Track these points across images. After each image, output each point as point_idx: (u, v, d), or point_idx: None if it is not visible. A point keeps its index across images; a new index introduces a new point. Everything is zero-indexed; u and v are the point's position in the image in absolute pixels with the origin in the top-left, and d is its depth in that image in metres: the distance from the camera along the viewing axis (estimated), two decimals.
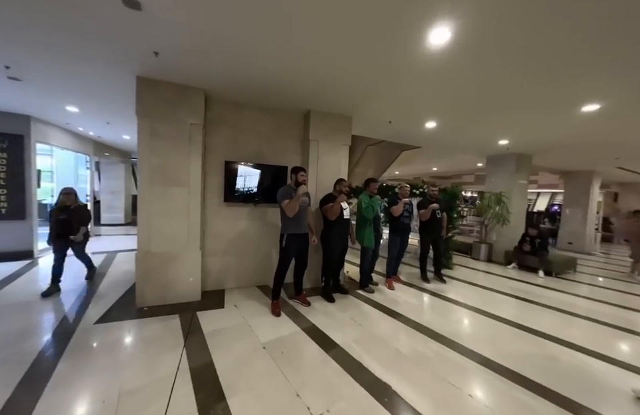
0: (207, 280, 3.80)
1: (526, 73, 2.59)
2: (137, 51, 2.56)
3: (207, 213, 3.77)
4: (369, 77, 2.85)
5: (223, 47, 2.48)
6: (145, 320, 2.94)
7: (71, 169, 7.06)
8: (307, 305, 3.43)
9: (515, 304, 3.91)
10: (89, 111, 4.75)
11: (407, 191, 4.27)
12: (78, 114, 4.90)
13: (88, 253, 4.07)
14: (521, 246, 5.85)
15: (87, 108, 4.55)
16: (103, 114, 4.96)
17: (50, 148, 6.52)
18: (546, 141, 5.10)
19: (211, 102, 3.69)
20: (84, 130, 6.42)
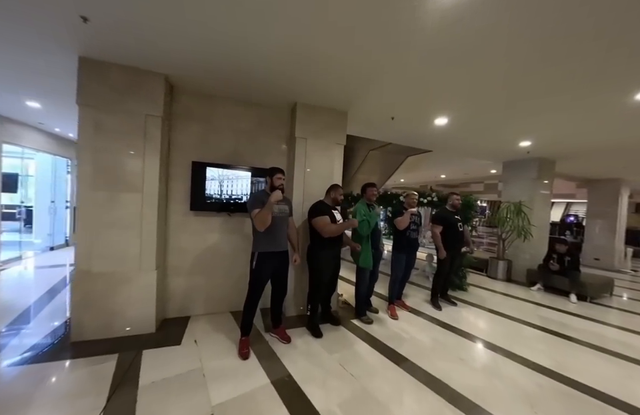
0: (168, 305, 3.13)
1: (570, 47, 1.90)
2: (60, 14, 1.98)
3: (170, 225, 3.13)
4: (365, 54, 2.20)
5: (175, 24, 1.92)
6: (72, 363, 2.27)
7: (49, 173, 6.56)
8: (287, 341, 2.71)
9: (550, 342, 3.11)
10: (52, 107, 4.22)
11: (414, 199, 3.56)
12: (42, 111, 4.38)
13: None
14: (546, 264, 5.03)
15: (47, 102, 4.02)
16: (71, 110, 4.43)
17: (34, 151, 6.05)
18: (574, 142, 4.35)
19: (177, 92, 3.09)
20: (61, 131, 5.94)
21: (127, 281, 2.71)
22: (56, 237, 6.48)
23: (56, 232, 6.49)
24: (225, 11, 1.84)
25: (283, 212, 2.63)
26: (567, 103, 2.92)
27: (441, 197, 4.90)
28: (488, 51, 2.10)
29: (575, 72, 2.33)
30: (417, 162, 8.25)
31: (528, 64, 2.26)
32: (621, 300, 4.90)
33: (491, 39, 1.96)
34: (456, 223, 3.83)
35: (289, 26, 1.94)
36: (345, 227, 2.93)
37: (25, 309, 3.18)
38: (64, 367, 2.21)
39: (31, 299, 3.48)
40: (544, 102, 2.96)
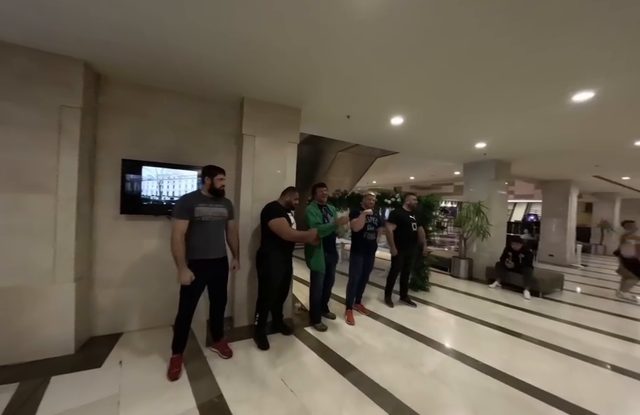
0: (95, 322, 2.77)
1: (510, 38, 1.88)
2: None
3: (98, 231, 2.77)
4: (305, 49, 2.05)
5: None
6: None
7: None
8: (227, 356, 2.47)
9: (501, 341, 3.13)
10: None
11: (371, 200, 3.47)
12: None
13: None
14: (503, 262, 5.20)
15: None
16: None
17: None
18: (525, 144, 4.54)
19: (106, 82, 2.76)
20: None
21: (37, 296, 2.33)
22: None
23: None
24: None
25: (219, 216, 2.38)
26: (510, 105, 2.98)
27: (404, 198, 4.90)
28: (425, 51, 2.05)
29: (511, 74, 2.35)
30: (386, 164, 8.33)
31: (468, 65, 2.24)
32: (570, 294, 5.17)
33: (426, 38, 1.90)
34: (410, 223, 3.82)
35: (227, 11, 1.75)
36: (306, 236, 2.77)
37: None
38: None
39: None
40: (489, 104, 3.00)
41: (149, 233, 2.97)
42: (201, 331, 2.89)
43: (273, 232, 2.62)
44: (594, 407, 2.08)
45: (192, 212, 2.18)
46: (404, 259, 3.93)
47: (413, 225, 3.82)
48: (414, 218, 3.89)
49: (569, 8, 1.62)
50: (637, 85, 2.42)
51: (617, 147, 4.36)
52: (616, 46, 1.92)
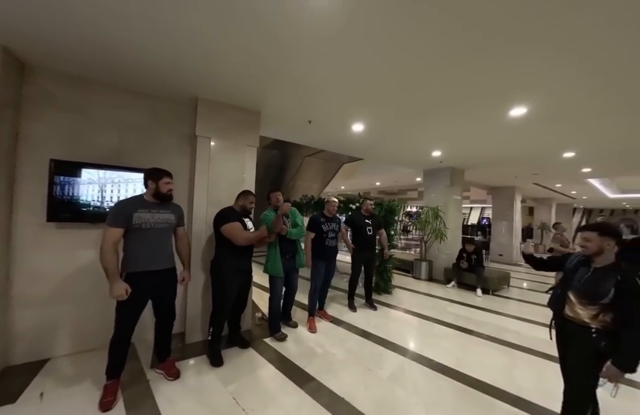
0: (11, 348, 2.36)
1: (447, 55, 2.00)
2: None
3: (18, 241, 2.39)
4: (259, 51, 1.98)
5: None
6: None
7: None
8: (174, 377, 2.25)
9: (455, 338, 3.30)
10: None
11: (333, 206, 3.48)
12: None
13: None
14: (458, 263, 5.55)
15: None
16: None
17: None
18: (475, 153, 4.93)
19: (31, 72, 2.42)
20: None
21: None
22: None
23: None
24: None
25: (164, 222, 2.16)
26: (458, 116, 3.19)
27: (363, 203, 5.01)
28: (376, 60, 2.11)
29: (456, 88, 2.51)
30: (352, 169, 8.51)
31: (417, 77, 2.35)
32: (516, 291, 5.67)
33: (376, 48, 1.95)
34: (365, 227, 3.88)
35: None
36: (260, 235, 2.61)
37: None
38: None
39: None
40: (438, 114, 3.18)
41: (84, 244, 2.63)
42: (146, 352, 2.61)
43: (226, 239, 2.48)
44: (530, 396, 2.26)
45: (129, 219, 1.96)
46: (363, 262, 3.98)
47: (367, 229, 3.88)
48: (369, 222, 3.95)
49: (495, 31, 1.77)
50: (562, 102, 2.73)
51: (548, 157, 4.92)
52: (543, 66, 2.14)
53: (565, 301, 1.69)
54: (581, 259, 1.70)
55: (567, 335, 1.70)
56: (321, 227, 3.41)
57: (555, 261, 1.96)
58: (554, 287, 1.90)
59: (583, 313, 1.58)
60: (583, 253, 1.67)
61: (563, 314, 1.70)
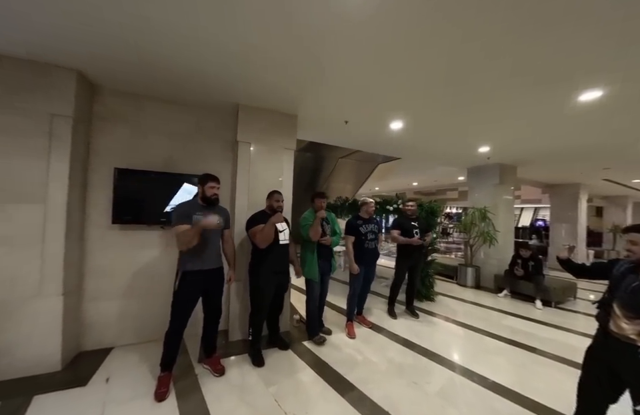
0: (85, 336, 2.67)
1: (516, 36, 1.78)
2: None
3: (89, 241, 2.70)
4: (296, 52, 1.98)
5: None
6: None
7: None
8: (219, 373, 2.34)
9: (512, 355, 2.93)
10: None
11: (370, 207, 3.36)
12: None
13: None
14: (512, 270, 4.99)
15: None
16: None
17: None
18: (531, 147, 4.39)
19: (100, 92, 2.74)
20: None
21: (23, 310, 2.25)
22: None
23: None
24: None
25: (216, 225, 2.29)
26: (515, 106, 2.86)
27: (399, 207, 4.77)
28: (424, 51, 1.96)
29: (516, 73, 2.23)
30: (388, 170, 8.22)
31: (470, 65, 2.14)
32: (583, 303, 4.91)
33: (423, 37, 1.80)
34: (411, 230, 3.67)
35: (219, 16, 1.69)
36: (269, 226, 2.47)
37: None
38: None
39: None
40: (493, 106, 2.88)
41: (142, 244, 2.89)
42: (194, 346, 2.76)
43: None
44: None
45: (190, 219, 2.08)
46: (408, 268, 3.78)
47: (414, 232, 3.67)
48: (416, 225, 3.73)
49: (574, 3, 1.52)
50: None
51: (625, 148, 4.19)
52: (623, 43, 1.80)
53: (609, 313, 1.49)
54: (629, 265, 1.47)
55: (609, 352, 1.49)
56: (359, 230, 3.30)
57: (599, 267, 1.71)
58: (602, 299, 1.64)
59: (628, 328, 1.38)
60: (629, 259, 1.46)
61: (607, 329, 1.49)
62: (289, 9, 1.65)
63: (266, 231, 2.43)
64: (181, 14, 1.73)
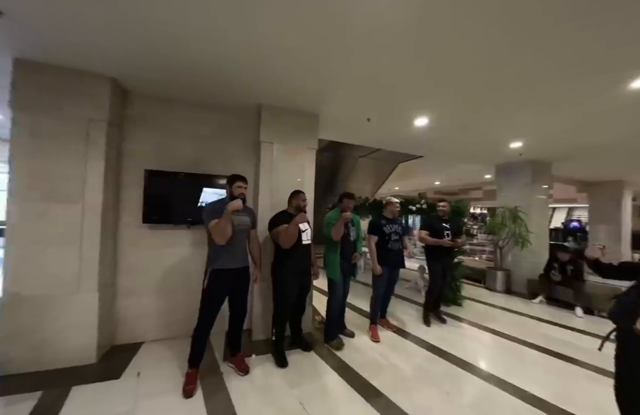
0: (118, 330, 2.79)
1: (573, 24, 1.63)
2: None
3: (121, 240, 2.82)
4: (318, 47, 1.95)
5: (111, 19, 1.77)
6: None
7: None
8: (244, 373, 2.35)
9: (554, 368, 2.70)
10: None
11: (395, 207, 3.25)
12: (3, 122, 4.17)
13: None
14: (548, 274, 4.64)
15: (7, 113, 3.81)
16: None
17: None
18: (571, 141, 4.05)
19: (131, 97, 2.86)
20: None
21: (63, 305, 2.39)
22: None
23: None
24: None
25: (243, 224, 2.33)
26: (558, 97, 2.64)
27: (431, 205, 4.59)
28: (455, 36, 1.84)
29: (563, 58, 2.05)
30: (408, 169, 7.98)
31: (509, 50, 1.99)
32: None
33: (456, 21, 1.69)
34: (442, 231, 3.48)
35: (244, 16, 1.70)
36: (293, 226, 2.43)
37: None
38: None
39: None
40: (532, 98, 2.68)
41: (171, 243, 2.98)
42: (218, 343, 2.80)
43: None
44: None
45: (221, 214, 2.10)
46: (442, 270, 3.58)
47: (446, 233, 3.47)
48: (448, 226, 3.52)
49: None
50: None
51: None
52: None
53: (637, 312, 1.45)
54: None
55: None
56: (382, 230, 3.20)
57: (630, 267, 1.67)
58: (618, 294, 1.62)
59: None
60: None
61: (632, 328, 1.47)
62: (312, 3, 1.61)
63: (290, 231, 2.41)
64: (208, 18, 1.75)
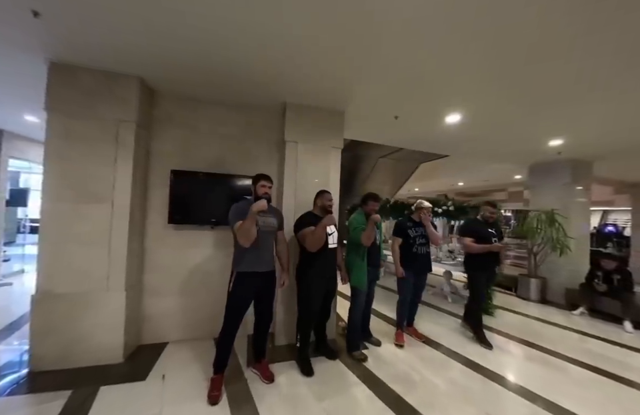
0: (143, 330, 2.80)
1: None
2: (11, 11, 1.79)
3: (148, 239, 2.84)
4: (347, 40, 1.83)
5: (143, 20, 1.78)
6: (21, 399, 1.97)
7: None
8: (269, 380, 2.26)
9: (606, 390, 2.42)
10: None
11: (425, 213, 3.06)
12: (40, 125, 4.37)
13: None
14: (590, 284, 4.25)
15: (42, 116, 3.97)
16: None
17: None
18: (622, 137, 3.66)
19: (158, 97, 2.87)
20: None
21: (92, 303, 2.41)
22: None
23: None
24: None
25: (269, 225, 2.24)
26: (611, 87, 2.37)
27: (458, 206, 4.35)
28: (506, 20, 1.66)
29: (620, 47, 1.81)
30: (431, 169, 7.67)
31: (559, 38, 1.78)
32: None
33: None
34: (489, 238, 3.09)
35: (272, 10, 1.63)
36: (321, 228, 2.33)
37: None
38: (11, 404, 1.91)
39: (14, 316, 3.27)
40: (584, 90, 2.42)
41: (194, 243, 2.96)
42: (242, 347, 2.74)
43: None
44: None
45: (245, 216, 2.03)
46: (485, 281, 3.23)
47: (493, 240, 3.11)
48: (494, 232, 3.15)
49: None
50: None
51: None
52: None
53: None
54: None
55: None
56: (407, 233, 3.03)
57: None
58: None
59: None
60: None
61: None
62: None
63: (317, 234, 2.30)
64: (234, 10, 1.68)
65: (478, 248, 3.06)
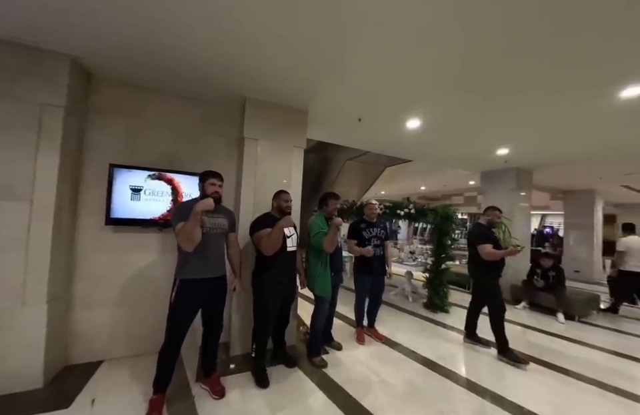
0: (72, 348, 2.42)
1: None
2: None
3: (80, 244, 2.47)
4: (309, 35, 1.76)
5: None
6: None
7: None
8: (219, 396, 2.08)
9: (546, 380, 2.62)
10: None
11: (373, 210, 3.12)
12: None
13: None
14: (531, 280, 4.69)
15: None
16: None
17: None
18: (555, 149, 4.11)
19: (97, 82, 2.53)
20: None
21: (3, 320, 2.01)
22: None
23: None
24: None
25: (218, 227, 2.06)
26: (551, 102, 2.61)
27: (419, 209, 4.52)
28: (445, 35, 1.72)
29: (559, 69, 2.00)
30: (395, 173, 7.97)
31: (503, 53, 1.90)
32: (608, 317, 4.60)
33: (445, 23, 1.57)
34: (497, 242, 3.05)
35: None
36: (277, 231, 2.17)
37: None
38: None
39: None
40: (522, 98, 2.62)
41: (137, 247, 2.65)
42: (191, 359, 2.51)
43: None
44: None
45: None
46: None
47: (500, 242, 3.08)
48: (498, 237, 3.16)
49: None
50: None
51: None
52: None
53: None
54: None
55: None
56: (361, 234, 3.05)
57: None
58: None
59: None
60: None
61: None
62: None
63: (273, 237, 2.18)
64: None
65: (500, 254, 2.83)
